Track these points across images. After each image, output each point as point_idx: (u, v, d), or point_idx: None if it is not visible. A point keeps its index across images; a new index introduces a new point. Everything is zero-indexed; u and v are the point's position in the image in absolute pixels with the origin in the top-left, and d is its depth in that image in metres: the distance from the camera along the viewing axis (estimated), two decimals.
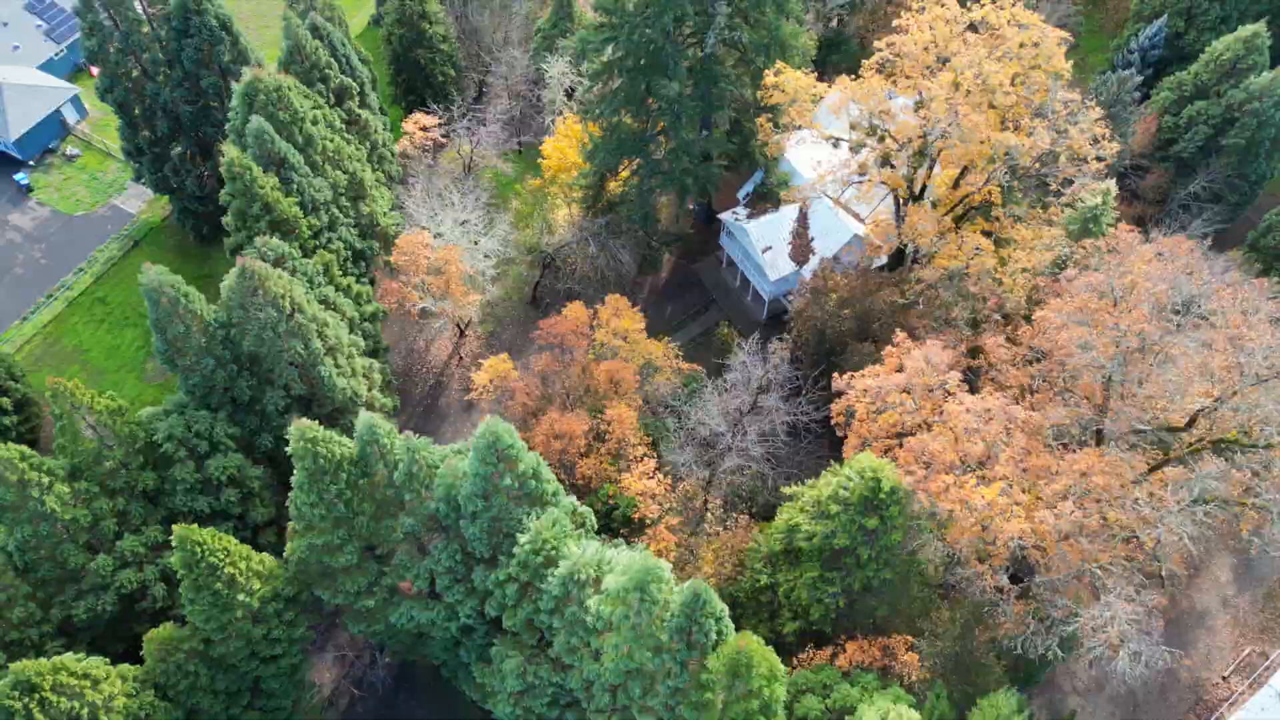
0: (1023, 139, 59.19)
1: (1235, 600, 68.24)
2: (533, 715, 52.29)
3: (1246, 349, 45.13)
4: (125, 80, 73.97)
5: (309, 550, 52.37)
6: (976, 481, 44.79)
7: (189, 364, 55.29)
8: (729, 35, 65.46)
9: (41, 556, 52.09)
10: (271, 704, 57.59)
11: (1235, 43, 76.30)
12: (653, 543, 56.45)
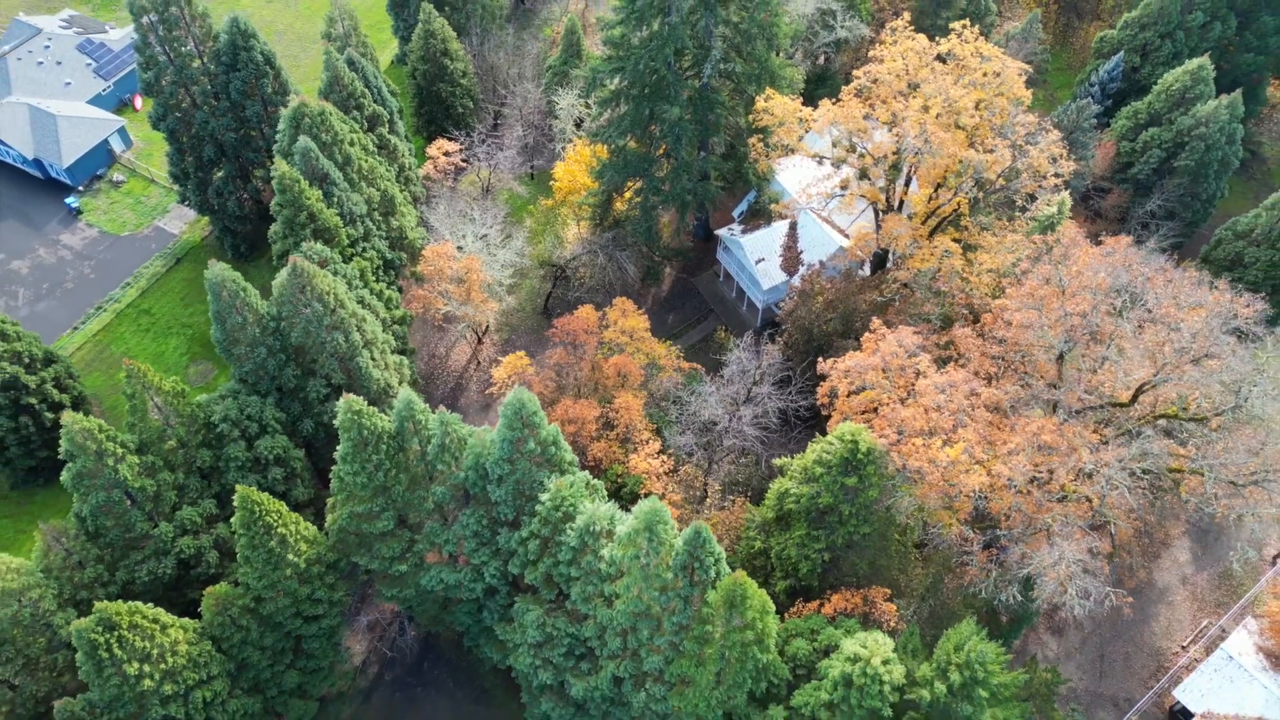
0: (986, 156, 66.48)
1: (1194, 579, 74.10)
2: (550, 666, 57.95)
3: (1178, 329, 51.81)
4: (176, 110, 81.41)
5: (349, 519, 58.41)
6: (942, 443, 51.16)
7: (243, 352, 61.87)
8: (724, 67, 73.06)
9: (110, 522, 58.11)
10: (311, 664, 63.21)
11: (1184, 75, 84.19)
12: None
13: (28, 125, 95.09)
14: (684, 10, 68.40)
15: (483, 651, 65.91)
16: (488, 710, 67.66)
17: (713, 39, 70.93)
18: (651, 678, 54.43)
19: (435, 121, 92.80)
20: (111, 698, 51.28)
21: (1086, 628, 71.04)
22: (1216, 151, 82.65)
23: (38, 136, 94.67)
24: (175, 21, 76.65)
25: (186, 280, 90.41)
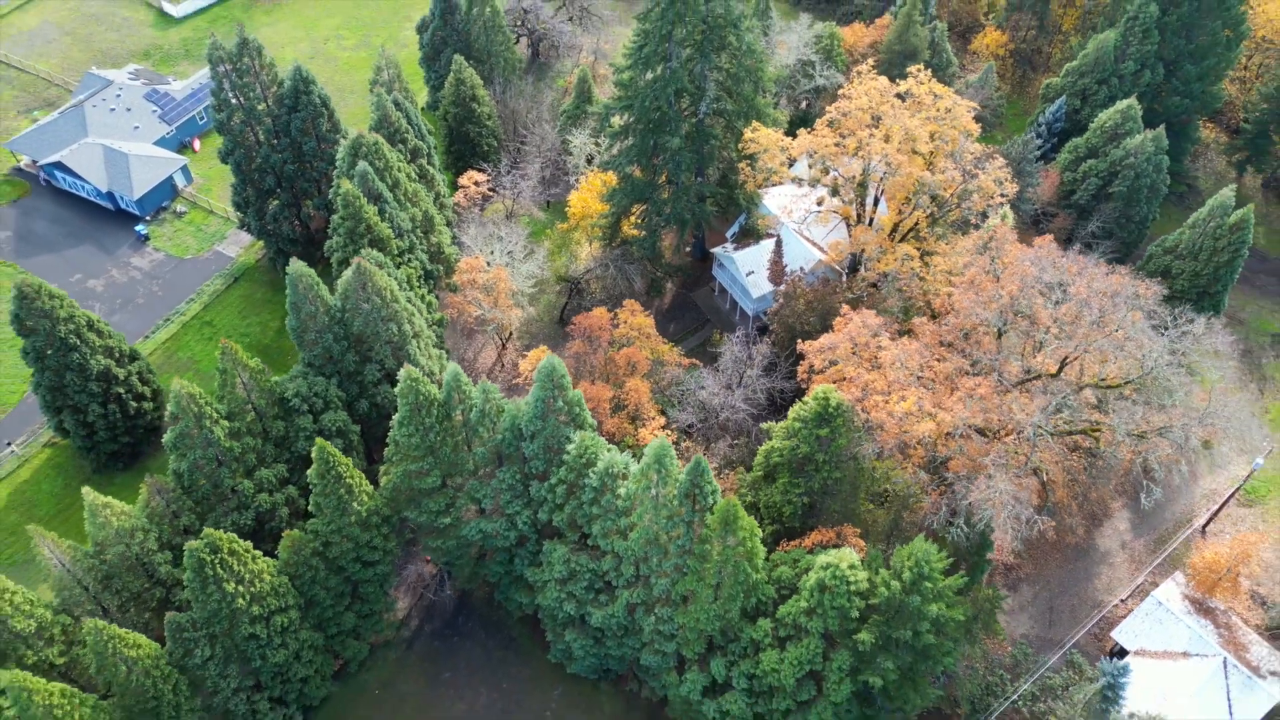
0: (940, 177, 78.84)
1: (1132, 544, 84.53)
2: (573, 599, 68.23)
3: (1088, 305, 63.39)
4: (243, 146, 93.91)
5: (403, 476, 69.17)
6: (898, 400, 62.34)
7: (312, 339, 73.25)
8: (717, 105, 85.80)
9: (202, 479, 68.85)
10: (365, 608, 73.37)
11: (1115, 114, 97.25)
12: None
13: (102, 163, 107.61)
14: (682, 58, 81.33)
15: (511, 603, 76.15)
16: (515, 655, 77.38)
17: (707, 82, 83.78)
18: (660, 602, 64.74)
19: (464, 158, 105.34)
20: (211, 613, 61.54)
21: (1038, 584, 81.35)
22: (1145, 179, 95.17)
23: (111, 172, 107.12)
24: (247, 70, 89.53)
25: (242, 296, 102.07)
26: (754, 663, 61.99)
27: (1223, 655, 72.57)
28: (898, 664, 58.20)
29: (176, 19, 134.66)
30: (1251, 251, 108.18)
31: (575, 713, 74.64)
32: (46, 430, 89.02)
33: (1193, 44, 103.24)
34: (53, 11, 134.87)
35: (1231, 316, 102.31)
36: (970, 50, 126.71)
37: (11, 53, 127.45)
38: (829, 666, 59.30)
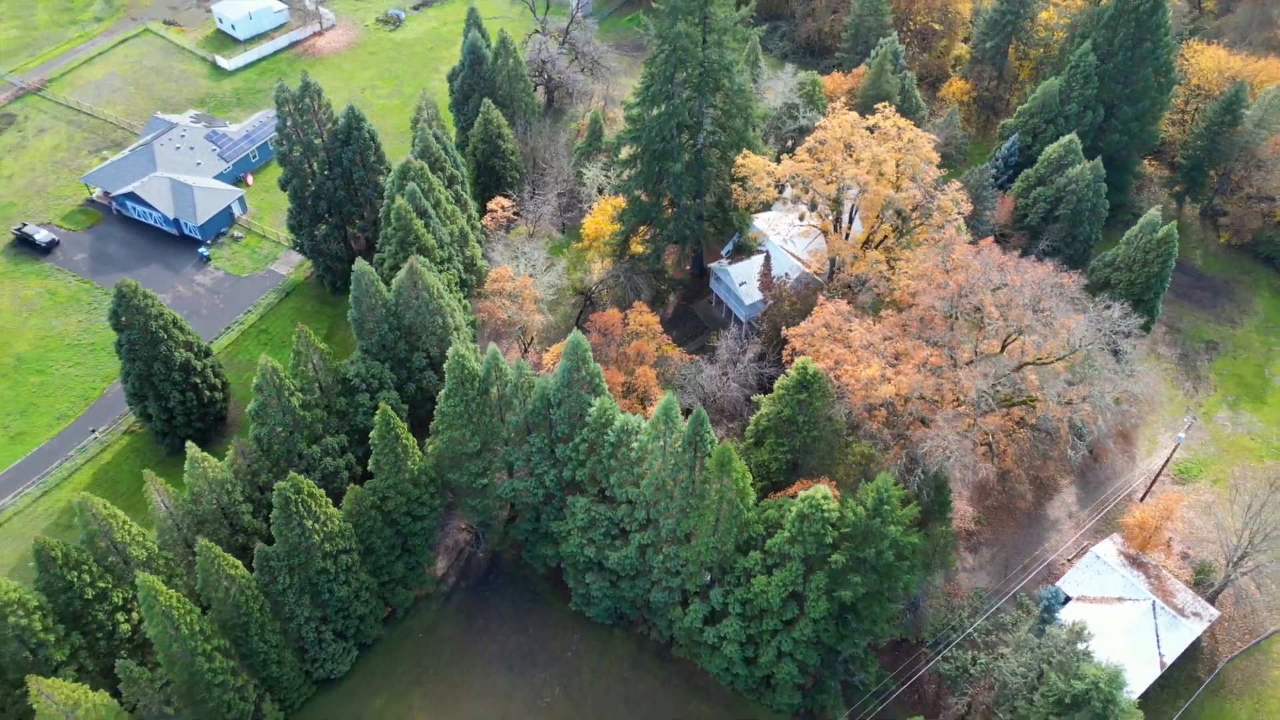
0: (902, 195, 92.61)
1: (1078, 514, 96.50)
2: (593, 544, 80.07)
3: (1020, 291, 76.60)
4: (300, 175, 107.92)
5: (447, 443, 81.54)
6: (865, 367, 75.10)
7: (370, 328, 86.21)
8: (712, 137, 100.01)
9: (278, 443, 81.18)
10: (412, 560, 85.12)
11: (1059, 147, 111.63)
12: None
13: (169, 194, 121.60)
14: (683, 96, 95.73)
15: (537, 560, 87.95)
16: (540, 606, 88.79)
17: (704, 117, 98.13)
18: (667, 541, 76.70)
19: (490, 189, 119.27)
20: (292, 546, 73.42)
21: (995, 547, 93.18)
22: (1086, 203, 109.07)
23: (177, 202, 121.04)
24: (307, 109, 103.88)
25: (293, 308, 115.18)
26: (746, 589, 73.77)
27: (1152, 599, 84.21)
28: (865, 581, 70.01)
29: (228, 71, 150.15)
30: (1188, 270, 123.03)
31: (592, 654, 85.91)
32: (126, 419, 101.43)
33: (1128, 89, 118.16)
34: (117, 64, 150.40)
35: (1170, 326, 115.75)
36: (939, 97, 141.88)
37: (82, 100, 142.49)
38: (808, 586, 71.12)
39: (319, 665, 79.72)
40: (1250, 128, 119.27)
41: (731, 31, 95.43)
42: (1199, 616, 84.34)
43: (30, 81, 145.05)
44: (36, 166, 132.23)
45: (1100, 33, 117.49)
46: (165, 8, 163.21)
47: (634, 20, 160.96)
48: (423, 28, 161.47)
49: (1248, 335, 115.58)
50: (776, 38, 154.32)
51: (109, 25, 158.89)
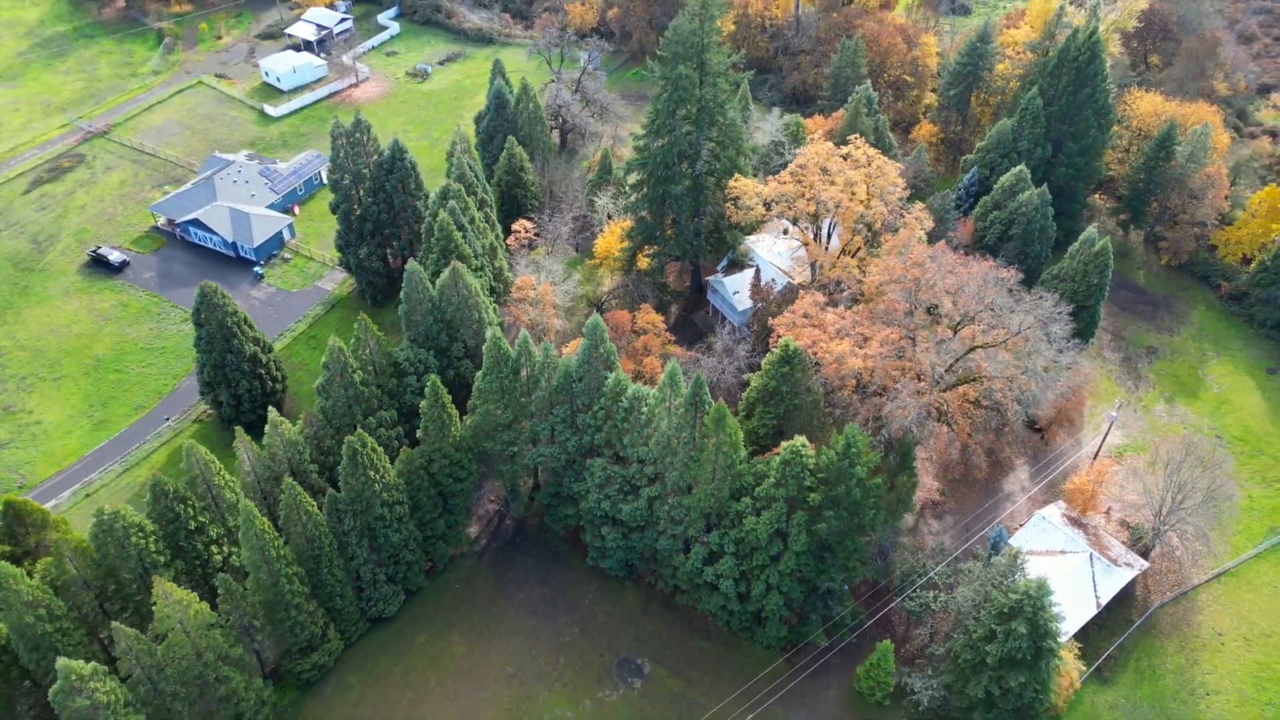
0: (872, 211, 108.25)
1: (1029, 486, 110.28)
2: (608, 499, 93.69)
3: (964, 281, 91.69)
4: (349, 200, 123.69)
5: (483, 415, 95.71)
6: (837, 344, 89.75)
7: (417, 320, 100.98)
8: (709, 165, 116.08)
9: (339, 414, 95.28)
10: (451, 519, 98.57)
11: (1011, 177, 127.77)
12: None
13: (228, 220, 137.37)
14: (683, 130, 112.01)
15: (558, 523, 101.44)
16: (560, 563, 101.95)
17: (701, 147, 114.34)
18: (671, 493, 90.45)
19: (512, 215, 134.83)
20: (356, 493, 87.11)
21: (957, 514, 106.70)
22: (1035, 224, 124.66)
23: (236, 228, 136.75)
24: (358, 142, 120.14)
25: (338, 318, 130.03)
26: (739, 530, 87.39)
27: (1089, 552, 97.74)
28: (838, 516, 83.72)
29: (275, 118, 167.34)
30: (1132, 288, 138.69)
31: (606, 601, 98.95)
32: (196, 408, 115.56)
33: (1072, 128, 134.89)
34: (174, 111, 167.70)
35: (1116, 334, 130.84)
36: (911, 139, 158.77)
37: (144, 142, 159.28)
38: (791, 523, 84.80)
39: (373, 604, 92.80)
40: (1182, 162, 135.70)
41: (724, 75, 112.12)
42: (1130, 566, 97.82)
43: (97, 126, 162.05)
44: (106, 199, 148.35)
45: (1046, 80, 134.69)
46: (216, 63, 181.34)
47: (637, 74, 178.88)
48: (447, 80, 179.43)
49: (1184, 342, 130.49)
50: (766, 88, 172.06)
51: (165, 78, 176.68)
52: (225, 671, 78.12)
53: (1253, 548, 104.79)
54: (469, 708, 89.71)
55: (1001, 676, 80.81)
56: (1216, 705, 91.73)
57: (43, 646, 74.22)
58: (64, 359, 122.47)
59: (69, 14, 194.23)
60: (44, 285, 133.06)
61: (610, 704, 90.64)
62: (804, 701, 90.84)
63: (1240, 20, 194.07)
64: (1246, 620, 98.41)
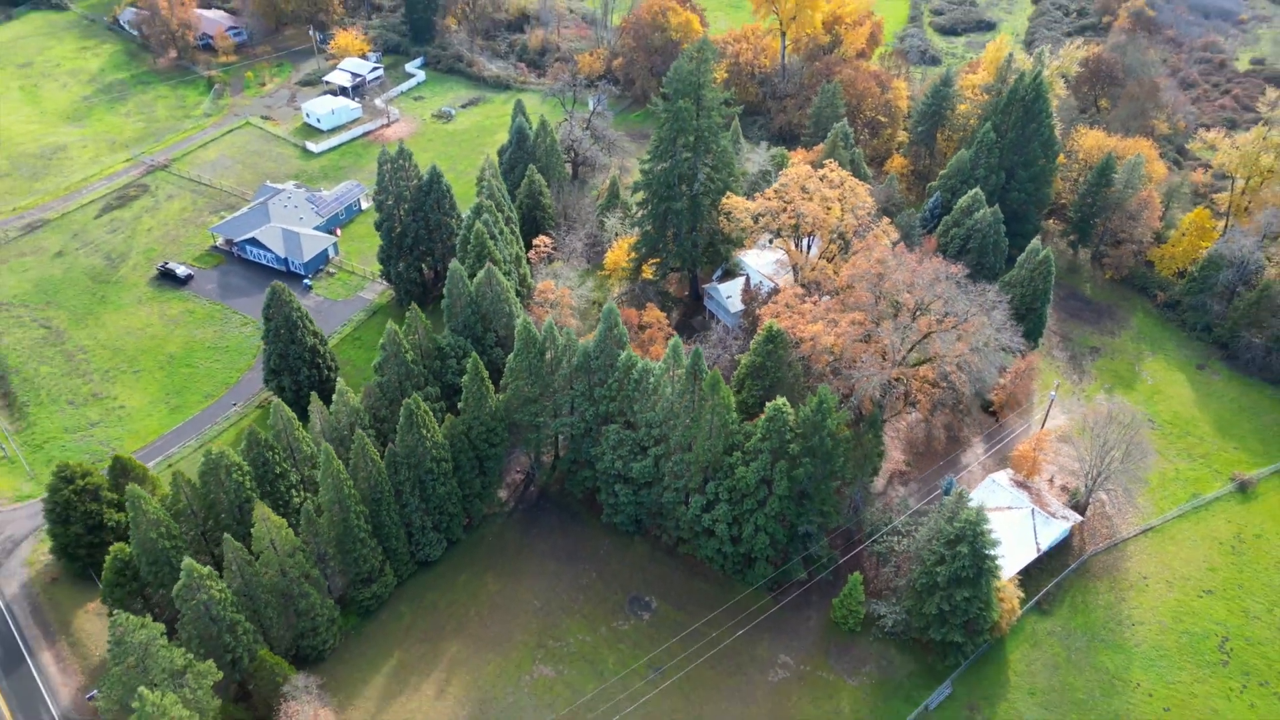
0: (844, 223, 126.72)
1: (985, 461, 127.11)
2: (620, 459, 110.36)
3: (919, 274, 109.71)
4: (390, 219, 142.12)
5: (514, 391, 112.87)
6: (812, 326, 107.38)
7: (457, 311, 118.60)
8: (705, 186, 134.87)
9: (392, 389, 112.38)
10: (486, 480, 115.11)
11: (968, 198, 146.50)
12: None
13: (280, 239, 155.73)
14: (682, 155, 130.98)
15: (577, 487, 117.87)
16: (578, 523, 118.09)
17: (698, 171, 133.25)
18: (674, 451, 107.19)
19: (532, 233, 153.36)
20: (410, 448, 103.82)
21: (921, 483, 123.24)
22: (989, 239, 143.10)
23: (288, 246, 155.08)
24: (400, 168, 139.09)
25: (377, 324, 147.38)
26: (731, 480, 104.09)
27: (1031, 507, 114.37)
28: (813, 463, 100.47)
29: (315, 154, 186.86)
30: (1080, 298, 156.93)
31: (618, 551, 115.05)
32: (259, 395, 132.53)
33: (1021, 158, 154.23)
34: (226, 148, 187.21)
35: (1064, 336, 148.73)
36: (885, 171, 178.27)
37: (201, 174, 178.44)
38: (775, 471, 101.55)
39: (420, 548, 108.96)
40: (1120, 188, 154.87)
41: (718, 109, 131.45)
42: (1066, 519, 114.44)
43: (159, 160, 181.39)
44: (169, 223, 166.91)
45: (998, 116, 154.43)
46: (261, 106, 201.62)
47: (639, 116, 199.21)
48: (469, 121, 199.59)
49: (1124, 343, 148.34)
50: (755, 127, 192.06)
51: (216, 119, 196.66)
52: (305, 588, 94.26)
53: (1175, 509, 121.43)
54: (503, 633, 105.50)
55: (950, 594, 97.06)
56: (1140, 633, 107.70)
57: (160, 560, 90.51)
58: (141, 356, 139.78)
59: (127, 63, 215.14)
60: (119, 295, 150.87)
61: (623, 631, 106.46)
62: (788, 629, 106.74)
63: (1183, 69, 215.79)
64: (1169, 567, 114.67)
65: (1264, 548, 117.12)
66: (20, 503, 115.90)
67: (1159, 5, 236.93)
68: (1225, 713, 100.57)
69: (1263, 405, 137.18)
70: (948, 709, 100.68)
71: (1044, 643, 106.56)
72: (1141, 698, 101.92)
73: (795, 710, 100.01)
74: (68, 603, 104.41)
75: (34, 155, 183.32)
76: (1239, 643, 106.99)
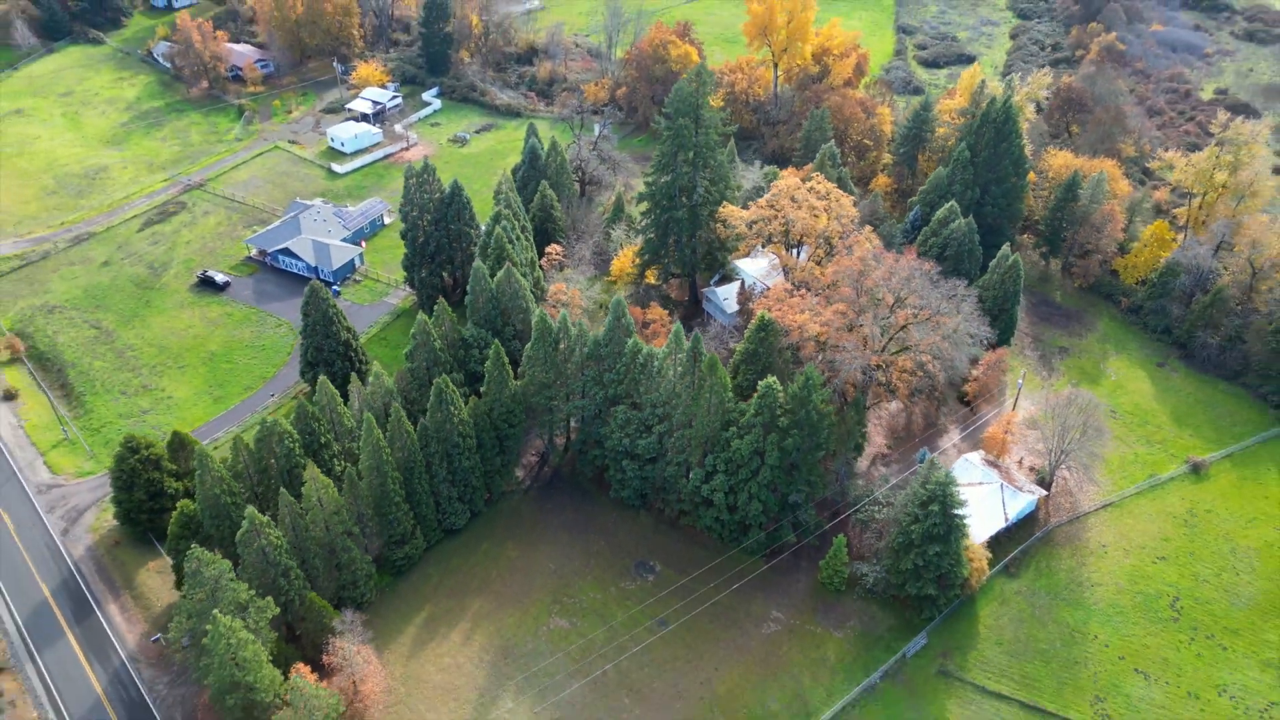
0: (830, 229, 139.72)
1: (960, 445, 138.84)
2: (627, 437, 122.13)
3: (895, 270, 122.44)
4: (415, 229, 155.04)
5: (531, 377, 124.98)
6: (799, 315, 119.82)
7: (479, 306, 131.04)
8: (703, 197, 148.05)
9: (422, 374, 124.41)
10: (505, 459, 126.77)
11: (945, 210, 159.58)
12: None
13: (311, 249, 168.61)
14: (682, 169, 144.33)
15: (588, 466, 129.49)
16: (589, 499, 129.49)
17: (697, 183, 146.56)
18: (676, 428, 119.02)
19: (544, 243, 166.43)
20: (439, 424, 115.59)
21: (900, 464, 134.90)
22: (964, 247, 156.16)
23: (318, 255, 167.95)
24: (425, 182, 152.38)
25: (401, 326, 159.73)
26: (728, 452, 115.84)
27: (1000, 483, 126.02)
28: (801, 435, 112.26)
29: (340, 174, 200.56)
30: (1051, 304, 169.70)
31: (625, 523, 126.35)
32: (295, 387, 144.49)
33: (994, 175, 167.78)
34: (256, 170, 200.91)
35: (1035, 338, 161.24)
36: (870, 190, 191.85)
37: (234, 193, 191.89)
38: (767, 443, 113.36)
39: (446, 516, 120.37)
40: (1085, 202, 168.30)
41: (714, 127, 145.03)
42: (1031, 493, 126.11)
43: (194, 180, 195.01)
44: (206, 236, 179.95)
45: (972, 137, 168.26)
46: (288, 132, 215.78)
47: (642, 141, 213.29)
48: (483, 146, 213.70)
49: (1090, 344, 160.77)
50: (750, 151, 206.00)
51: (246, 144, 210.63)
52: (347, 543, 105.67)
53: (1134, 486, 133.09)
54: (522, 591, 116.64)
55: (924, 550, 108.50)
56: (1098, 593, 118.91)
57: (221, 514, 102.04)
58: (185, 353, 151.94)
59: (161, 92, 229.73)
60: (162, 300, 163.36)
61: (629, 590, 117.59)
62: (779, 589, 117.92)
63: (1150, 98, 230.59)
64: (1126, 537, 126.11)
65: (1214, 521, 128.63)
66: (82, 478, 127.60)
67: (1129, 40, 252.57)
68: (1174, 660, 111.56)
69: (1217, 398, 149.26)
70: (923, 657, 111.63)
71: (1011, 601, 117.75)
72: (1099, 648, 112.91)
73: (786, 658, 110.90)
74: (130, 562, 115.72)
75: (78, 175, 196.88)
76: (1189, 602, 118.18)
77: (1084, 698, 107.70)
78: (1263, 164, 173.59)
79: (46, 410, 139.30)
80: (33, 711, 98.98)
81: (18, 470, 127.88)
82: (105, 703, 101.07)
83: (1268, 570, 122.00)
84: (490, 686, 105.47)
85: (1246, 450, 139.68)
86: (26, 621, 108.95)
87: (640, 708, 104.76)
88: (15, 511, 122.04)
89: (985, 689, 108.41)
